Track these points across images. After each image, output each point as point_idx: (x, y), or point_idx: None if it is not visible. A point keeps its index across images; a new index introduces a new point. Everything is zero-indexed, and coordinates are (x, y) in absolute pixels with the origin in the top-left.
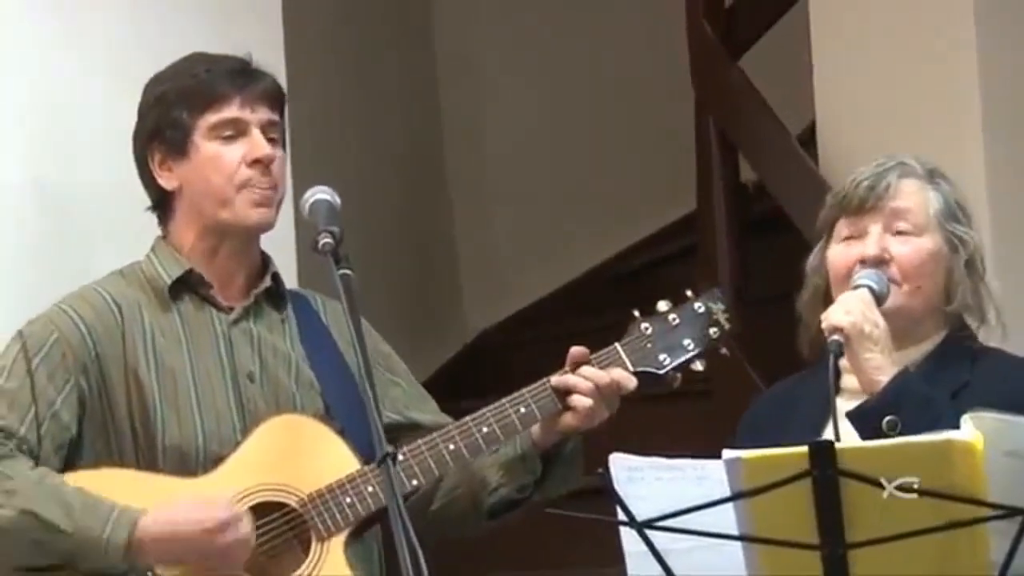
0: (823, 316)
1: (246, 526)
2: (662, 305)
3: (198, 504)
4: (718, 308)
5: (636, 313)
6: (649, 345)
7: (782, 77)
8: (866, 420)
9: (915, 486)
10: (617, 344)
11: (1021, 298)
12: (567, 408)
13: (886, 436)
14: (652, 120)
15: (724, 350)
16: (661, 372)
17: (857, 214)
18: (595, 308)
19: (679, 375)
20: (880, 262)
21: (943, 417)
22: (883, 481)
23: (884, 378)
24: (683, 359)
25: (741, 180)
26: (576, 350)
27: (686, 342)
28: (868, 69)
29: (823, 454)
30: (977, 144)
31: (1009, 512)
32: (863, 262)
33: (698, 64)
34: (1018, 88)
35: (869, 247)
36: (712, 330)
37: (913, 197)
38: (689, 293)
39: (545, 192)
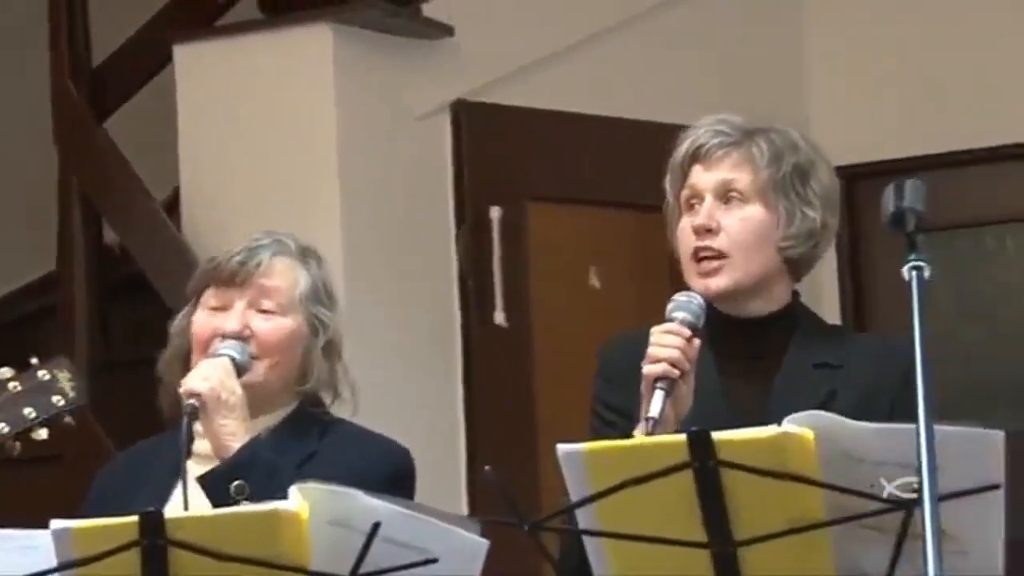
0: (182, 381)
1: None
2: (4, 372)
3: None
4: (63, 376)
5: None
6: None
7: (149, 143)
8: (215, 485)
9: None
10: None
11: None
12: None
13: (235, 501)
14: (15, 177)
15: (68, 419)
16: None
17: (226, 285)
18: None
19: (18, 443)
20: (239, 337)
21: (287, 484)
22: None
23: (237, 444)
24: (22, 428)
25: (105, 242)
26: None
27: (27, 411)
28: (232, 139)
29: (152, 524)
30: (334, 218)
31: None
32: (224, 336)
33: (62, 124)
34: (372, 166)
35: (230, 322)
36: (55, 398)
37: (282, 277)
38: (34, 360)
39: None
